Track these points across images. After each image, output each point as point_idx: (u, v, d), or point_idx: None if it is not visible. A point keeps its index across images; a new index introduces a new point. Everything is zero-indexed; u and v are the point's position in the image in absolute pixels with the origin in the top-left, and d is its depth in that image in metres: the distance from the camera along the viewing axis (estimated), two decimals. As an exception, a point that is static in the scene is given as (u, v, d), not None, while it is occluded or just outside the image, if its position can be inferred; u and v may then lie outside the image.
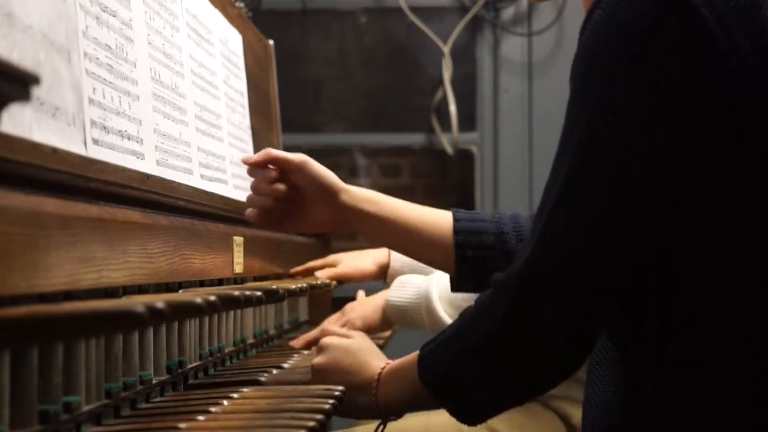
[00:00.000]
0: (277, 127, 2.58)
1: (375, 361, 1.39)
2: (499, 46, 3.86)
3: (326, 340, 1.44)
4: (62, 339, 1.03)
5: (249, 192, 1.61)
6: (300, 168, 1.54)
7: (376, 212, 1.55)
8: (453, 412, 1.28)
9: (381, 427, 1.41)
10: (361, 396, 1.36)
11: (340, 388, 1.34)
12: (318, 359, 1.43)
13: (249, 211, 1.58)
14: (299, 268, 2.14)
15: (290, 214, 1.58)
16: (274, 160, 1.55)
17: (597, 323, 1.19)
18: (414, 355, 1.33)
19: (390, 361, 1.38)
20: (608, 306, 1.17)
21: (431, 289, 1.94)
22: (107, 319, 0.89)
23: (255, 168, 1.56)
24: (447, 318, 1.90)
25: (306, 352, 1.83)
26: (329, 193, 1.55)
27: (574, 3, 3.77)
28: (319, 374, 1.41)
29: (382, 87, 4.02)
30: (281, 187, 1.56)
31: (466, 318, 1.25)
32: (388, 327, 2.07)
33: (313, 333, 1.53)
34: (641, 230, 1.12)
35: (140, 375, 1.27)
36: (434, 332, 1.95)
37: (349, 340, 1.44)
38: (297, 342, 1.69)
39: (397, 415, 1.39)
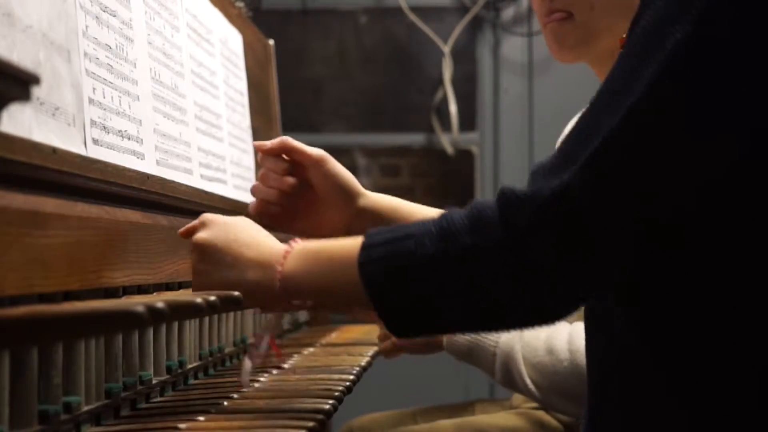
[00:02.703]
0: (277, 127, 2.58)
1: (272, 240, 1.20)
2: (499, 46, 3.86)
3: (208, 216, 1.23)
4: (62, 339, 1.03)
5: (249, 192, 1.53)
6: (318, 164, 1.38)
7: (397, 219, 1.38)
8: (385, 317, 1.10)
9: (278, 316, 1.21)
10: (254, 272, 1.16)
11: (340, 388, 1.34)
12: (201, 234, 1.21)
13: (251, 204, 1.42)
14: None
15: (298, 216, 1.41)
16: (290, 150, 1.39)
17: (602, 283, 1.08)
18: (347, 240, 1.14)
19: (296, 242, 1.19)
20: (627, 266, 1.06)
21: (514, 344, 1.74)
22: (107, 319, 0.89)
23: (267, 155, 1.40)
24: (532, 385, 1.73)
25: (306, 352, 1.84)
26: (347, 195, 1.39)
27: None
28: (202, 250, 1.20)
29: (382, 87, 4.02)
30: (291, 180, 1.39)
31: (454, 220, 1.07)
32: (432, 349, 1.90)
33: (193, 222, 1.26)
34: (714, 181, 1.03)
35: (140, 375, 1.27)
36: (503, 385, 1.78)
37: (236, 217, 1.24)
38: (181, 231, 1.30)
39: (291, 301, 1.17)
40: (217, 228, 1.21)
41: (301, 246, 1.17)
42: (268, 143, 1.39)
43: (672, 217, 1.04)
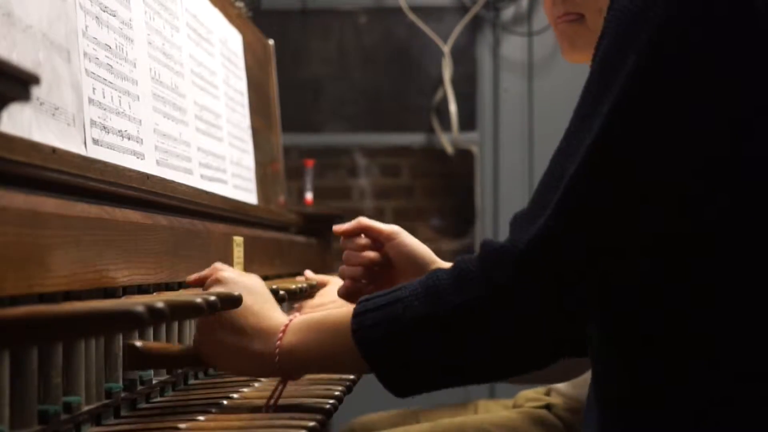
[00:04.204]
0: (277, 127, 2.58)
1: (277, 311, 1.24)
2: (499, 46, 3.86)
3: (225, 275, 1.27)
4: (62, 339, 1.03)
5: (248, 192, 1.58)
6: (391, 238, 1.48)
7: None
8: (385, 380, 1.13)
9: (281, 388, 1.23)
10: (258, 342, 1.19)
11: (340, 388, 1.34)
12: (216, 291, 1.24)
13: (340, 287, 1.51)
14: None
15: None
16: (365, 229, 1.50)
17: (600, 316, 1.11)
18: (341, 311, 1.18)
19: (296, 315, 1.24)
20: (622, 296, 1.09)
21: None
22: (107, 319, 0.89)
23: (346, 237, 1.50)
24: None
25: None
26: (420, 265, 1.46)
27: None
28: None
29: (382, 87, 4.02)
30: (372, 254, 1.49)
31: (440, 279, 1.11)
32: None
33: (205, 271, 1.31)
34: (689, 196, 1.05)
35: (140, 375, 1.27)
36: None
37: (249, 278, 1.28)
38: (190, 278, 1.35)
39: (293, 374, 1.22)
40: (231, 289, 1.23)
41: (298, 320, 1.21)
42: (345, 225, 1.50)
43: (640, 247, 1.07)
